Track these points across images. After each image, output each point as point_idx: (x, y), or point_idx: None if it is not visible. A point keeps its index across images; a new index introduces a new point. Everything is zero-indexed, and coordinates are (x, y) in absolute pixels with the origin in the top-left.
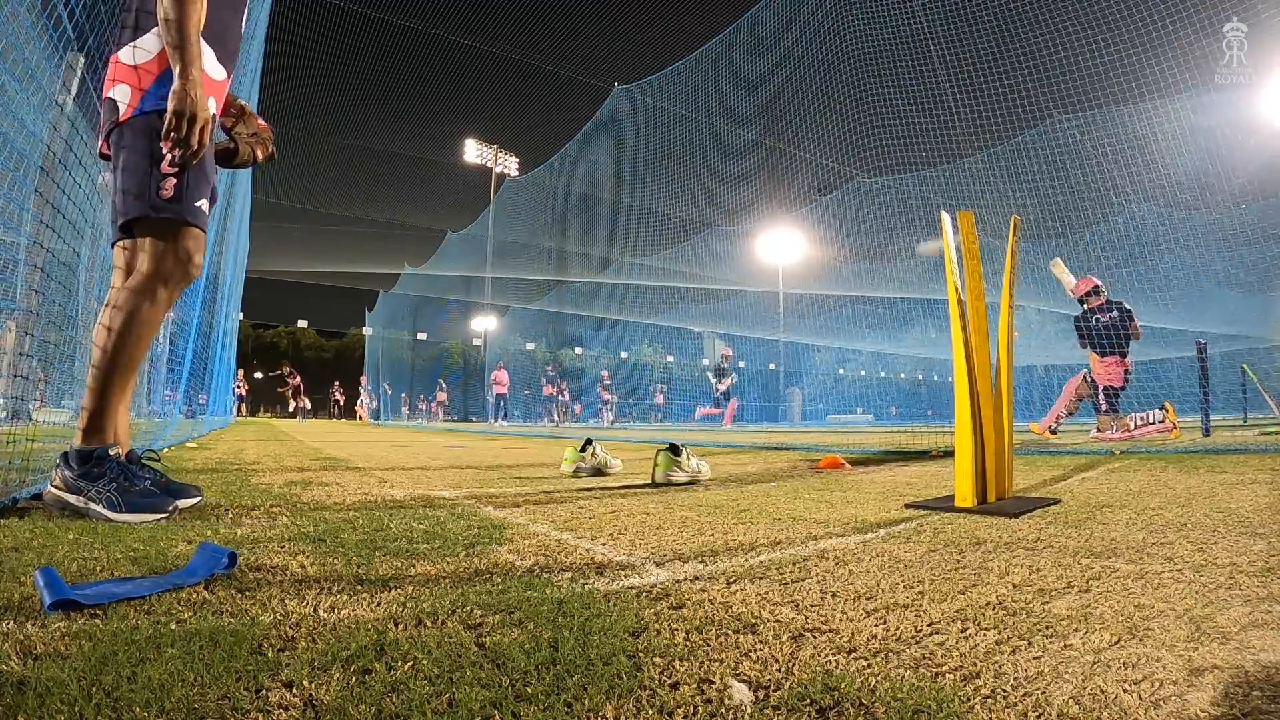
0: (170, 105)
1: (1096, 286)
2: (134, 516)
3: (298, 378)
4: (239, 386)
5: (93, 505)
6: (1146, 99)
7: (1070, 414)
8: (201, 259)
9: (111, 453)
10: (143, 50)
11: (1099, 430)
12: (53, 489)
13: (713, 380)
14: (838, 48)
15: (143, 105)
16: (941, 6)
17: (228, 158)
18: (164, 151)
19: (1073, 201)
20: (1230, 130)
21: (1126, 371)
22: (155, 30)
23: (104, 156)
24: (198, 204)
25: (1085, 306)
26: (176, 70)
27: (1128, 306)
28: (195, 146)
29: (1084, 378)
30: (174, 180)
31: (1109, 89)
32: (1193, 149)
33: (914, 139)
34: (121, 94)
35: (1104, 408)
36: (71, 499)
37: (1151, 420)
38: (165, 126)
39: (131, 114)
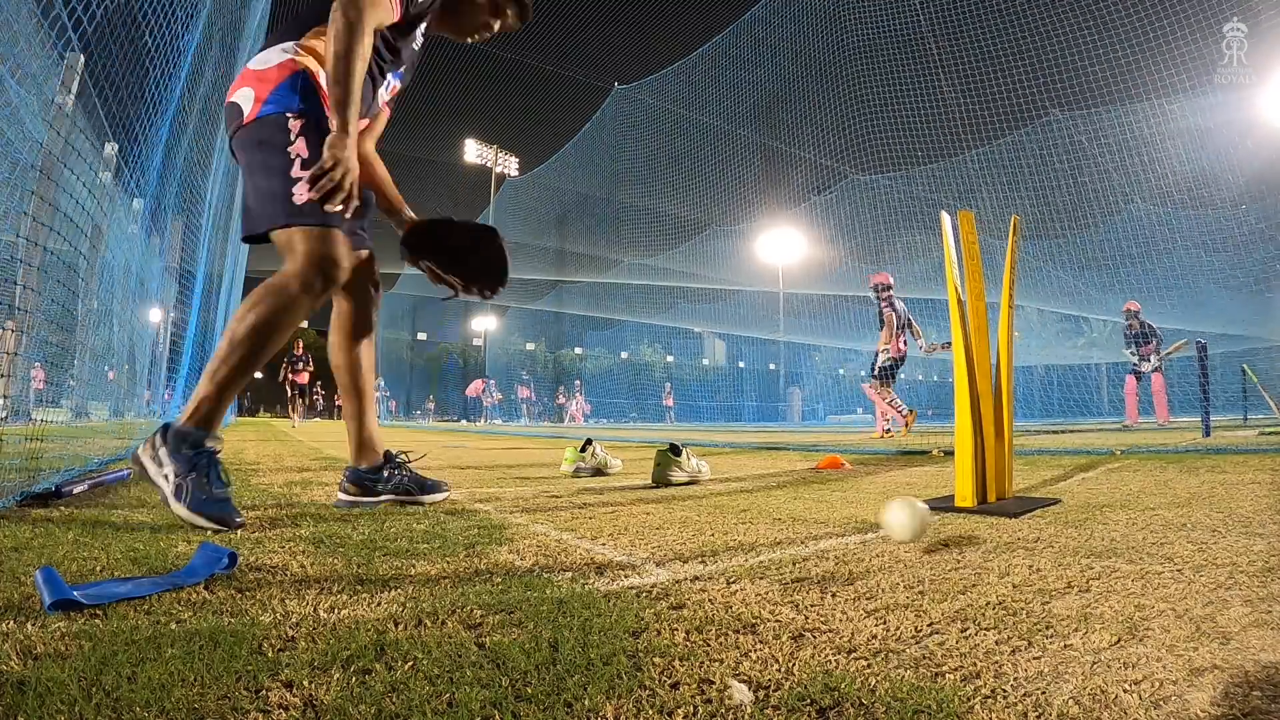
0: (325, 154)
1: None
2: (192, 516)
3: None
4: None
5: (161, 483)
6: (1147, 99)
7: (892, 407)
8: (348, 263)
9: (208, 443)
10: (275, 56)
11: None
12: (141, 453)
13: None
14: (837, 46)
15: (268, 107)
16: (941, 5)
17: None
18: (295, 160)
19: (1073, 201)
20: (1230, 130)
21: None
22: (283, 46)
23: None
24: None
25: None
26: (334, 119)
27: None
28: (345, 194)
29: (872, 377)
30: (306, 185)
31: (1109, 89)
32: (1192, 149)
33: (913, 136)
34: (245, 97)
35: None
36: (151, 468)
37: (899, 406)
38: (317, 170)
39: (255, 115)
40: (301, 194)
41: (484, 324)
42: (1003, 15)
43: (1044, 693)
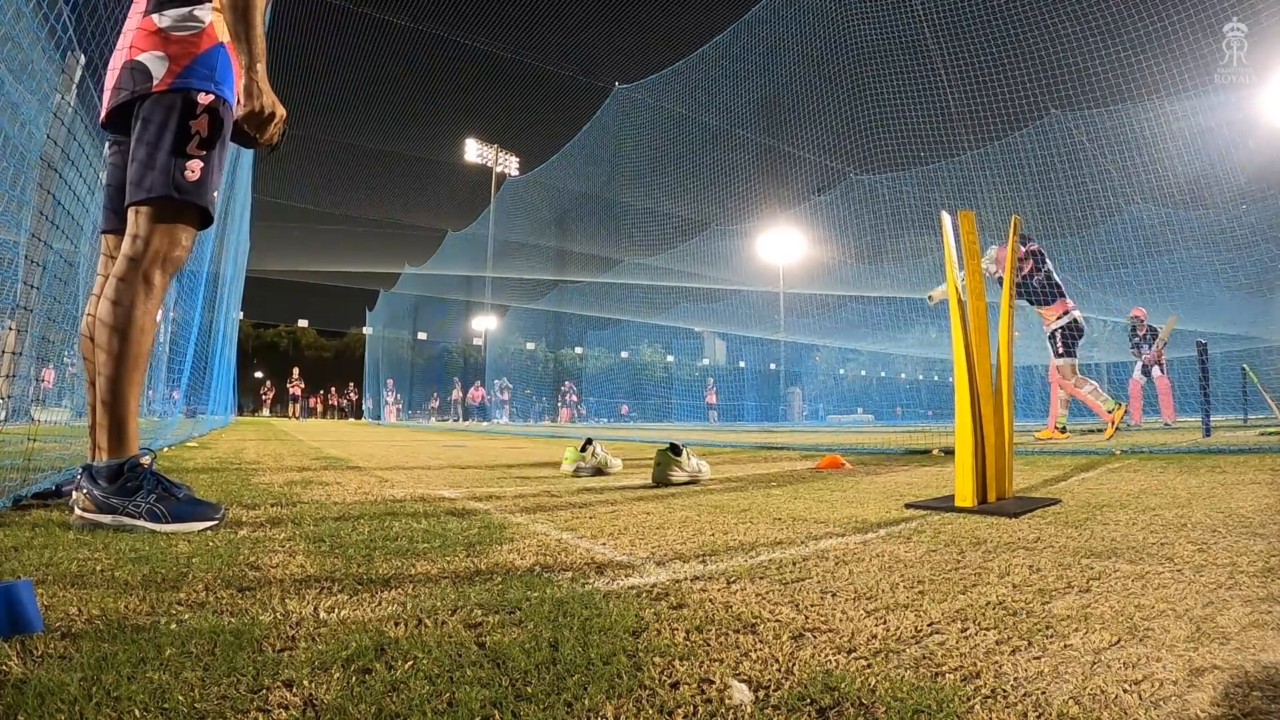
0: (244, 107)
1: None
2: (181, 526)
3: (302, 386)
4: (293, 386)
5: (130, 521)
6: (1146, 99)
7: (1066, 401)
8: (191, 245)
9: (144, 461)
10: (191, 21)
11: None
12: (80, 513)
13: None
14: (838, 46)
15: (184, 81)
16: (941, 5)
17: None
18: (194, 133)
19: (1073, 201)
20: (1231, 130)
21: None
22: (210, 4)
23: (106, 125)
24: (214, 193)
25: (1021, 273)
26: (244, 62)
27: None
28: (276, 142)
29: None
30: (200, 163)
31: (1109, 88)
32: (1193, 149)
33: (913, 136)
34: (154, 61)
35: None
36: (105, 519)
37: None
38: (255, 116)
39: (168, 86)
40: (193, 171)
41: (484, 324)
42: (1003, 15)
43: (1044, 693)
